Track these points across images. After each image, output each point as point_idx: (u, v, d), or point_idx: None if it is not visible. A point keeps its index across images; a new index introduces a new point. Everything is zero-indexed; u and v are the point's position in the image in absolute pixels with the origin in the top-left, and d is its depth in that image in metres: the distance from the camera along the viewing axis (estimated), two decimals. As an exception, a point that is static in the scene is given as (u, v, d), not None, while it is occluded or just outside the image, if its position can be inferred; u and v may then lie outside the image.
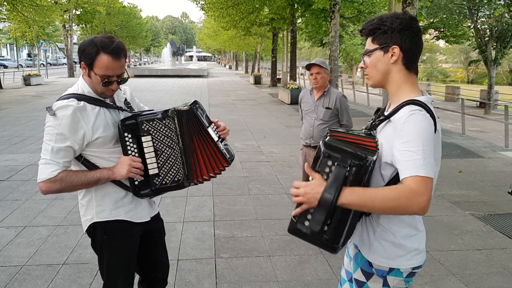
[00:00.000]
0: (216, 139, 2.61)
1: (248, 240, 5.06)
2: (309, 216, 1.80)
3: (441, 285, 4.15)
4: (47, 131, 2.31)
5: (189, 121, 2.53)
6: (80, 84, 2.43)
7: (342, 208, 1.74)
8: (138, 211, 2.59)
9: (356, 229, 2.01)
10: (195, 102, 2.60)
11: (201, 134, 2.57)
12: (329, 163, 1.78)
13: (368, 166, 1.75)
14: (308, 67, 4.93)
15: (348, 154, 1.76)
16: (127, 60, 3.02)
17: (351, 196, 1.70)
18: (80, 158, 2.41)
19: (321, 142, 1.84)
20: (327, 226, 1.77)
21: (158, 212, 2.84)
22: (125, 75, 2.45)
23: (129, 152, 2.41)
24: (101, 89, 2.38)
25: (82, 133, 2.32)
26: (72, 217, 5.61)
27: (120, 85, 2.48)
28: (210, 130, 2.60)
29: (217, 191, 6.76)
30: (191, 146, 2.55)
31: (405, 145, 1.73)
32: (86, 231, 2.58)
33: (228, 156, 2.66)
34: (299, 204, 1.81)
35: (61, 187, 2.31)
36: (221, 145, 2.64)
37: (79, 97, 2.36)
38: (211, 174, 2.61)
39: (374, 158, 1.77)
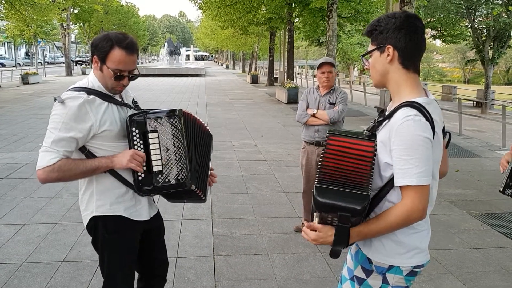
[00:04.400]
0: (209, 170, 2.82)
1: (246, 238, 5.08)
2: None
3: (439, 284, 4.17)
4: (52, 119, 2.32)
5: (204, 143, 2.74)
6: (91, 79, 2.46)
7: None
8: (138, 209, 2.59)
9: None
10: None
11: (206, 157, 2.75)
12: (329, 217, 1.83)
13: (367, 206, 1.79)
14: (320, 65, 4.93)
15: (346, 211, 1.76)
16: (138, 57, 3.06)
17: (359, 238, 1.88)
18: (84, 150, 2.42)
19: (313, 203, 1.82)
20: None
21: (158, 211, 2.85)
22: (136, 72, 2.49)
23: (135, 147, 2.43)
24: (112, 84, 2.42)
25: (89, 124, 2.34)
26: (71, 215, 5.62)
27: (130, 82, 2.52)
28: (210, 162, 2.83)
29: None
30: (196, 151, 2.62)
31: (398, 152, 1.78)
32: (87, 226, 2.58)
33: (206, 190, 2.73)
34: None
35: (59, 176, 2.31)
36: (207, 179, 2.79)
37: (89, 91, 2.39)
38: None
39: (368, 201, 1.78)
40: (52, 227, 5.28)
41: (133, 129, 2.43)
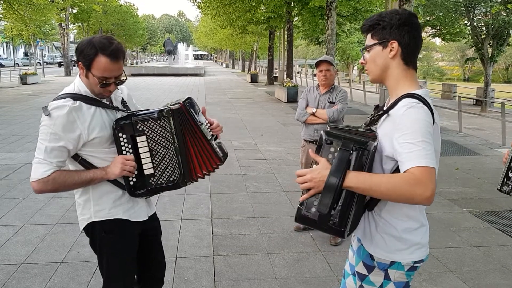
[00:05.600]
0: (209, 137, 2.59)
1: (246, 238, 5.06)
2: (315, 202, 1.82)
3: (440, 282, 4.16)
4: (41, 130, 2.31)
5: (181, 119, 2.49)
6: (77, 84, 2.41)
7: (347, 191, 1.78)
8: (136, 210, 2.58)
9: (360, 223, 2.02)
10: (188, 99, 2.60)
11: (193, 132, 2.53)
12: (332, 149, 1.83)
13: (370, 151, 1.79)
14: (317, 64, 4.92)
15: (350, 140, 1.81)
16: (125, 60, 2.97)
17: (356, 179, 1.74)
18: (77, 158, 2.40)
19: (322, 131, 1.90)
20: (334, 210, 1.80)
21: (155, 212, 2.84)
22: (123, 77, 2.43)
23: (124, 152, 2.40)
24: (99, 90, 2.36)
25: (77, 133, 2.30)
26: (69, 215, 5.60)
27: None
28: (203, 127, 2.57)
29: (215, 189, 6.76)
30: (185, 145, 2.53)
31: (404, 138, 1.75)
32: (84, 229, 2.57)
33: (221, 154, 2.64)
34: (304, 192, 1.85)
35: (54, 187, 2.30)
36: (213, 143, 2.62)
37: (75, 96, 2.34)
38: (204, 172, 2.59)
39: (375, 143, 1.81)
40: (51, 227, 5.26)
41: (120, 134, 2.40)
